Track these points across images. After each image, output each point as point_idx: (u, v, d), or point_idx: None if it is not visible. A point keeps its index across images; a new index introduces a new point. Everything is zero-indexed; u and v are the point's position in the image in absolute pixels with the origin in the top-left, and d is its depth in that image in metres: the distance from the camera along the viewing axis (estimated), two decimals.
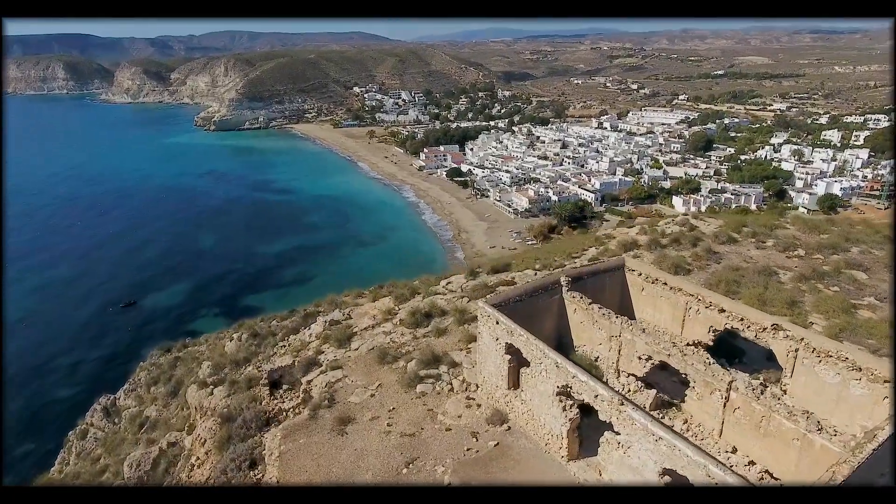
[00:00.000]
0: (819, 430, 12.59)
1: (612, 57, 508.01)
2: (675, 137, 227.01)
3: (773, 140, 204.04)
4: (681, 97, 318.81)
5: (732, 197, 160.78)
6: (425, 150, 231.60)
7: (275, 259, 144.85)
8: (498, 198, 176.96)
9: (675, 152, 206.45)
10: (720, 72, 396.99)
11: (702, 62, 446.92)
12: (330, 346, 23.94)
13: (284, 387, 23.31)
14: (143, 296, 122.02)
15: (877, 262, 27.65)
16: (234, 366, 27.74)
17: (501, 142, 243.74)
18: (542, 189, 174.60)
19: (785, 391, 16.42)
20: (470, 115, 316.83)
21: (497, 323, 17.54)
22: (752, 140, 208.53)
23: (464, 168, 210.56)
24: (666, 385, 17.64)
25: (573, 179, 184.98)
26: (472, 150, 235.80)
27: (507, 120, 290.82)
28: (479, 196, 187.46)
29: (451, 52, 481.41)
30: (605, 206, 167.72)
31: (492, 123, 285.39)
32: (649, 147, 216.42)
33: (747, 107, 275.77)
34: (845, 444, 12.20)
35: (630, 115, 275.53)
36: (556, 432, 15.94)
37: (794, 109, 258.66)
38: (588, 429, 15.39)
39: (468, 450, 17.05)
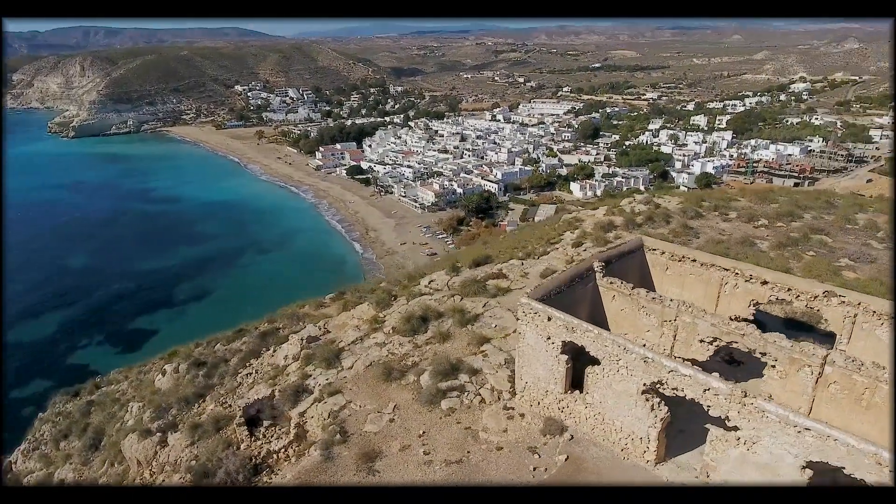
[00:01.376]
0: None
1: (497, 52, 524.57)
2: (564, 127, 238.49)
3: (651, 126, 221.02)
4: (564, 89, 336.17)
5: (623, 180, 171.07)
6: (321, 148, 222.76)
7: (163, 276, 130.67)
8: (403, 193, 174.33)
9: (567, 141, 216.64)
10: (597, 65, 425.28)
11: (579, 56, 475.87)
12: (316, 368, 20.19)
13: (265, 423, 19.26)
14: (7, 333, 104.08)
15: (832, 226, 29.08)
16: (184, 404, 22.83)
17: (400, 137, 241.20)
18: (446, 182, 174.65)
19: None
20: (363, 111, 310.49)
21: (549, 319, 15.22)
22: (633, 127, 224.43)
23: (364, 165, 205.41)
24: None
25: (475, 171, 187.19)
26: (370, 146, 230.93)
27: (402, 115, 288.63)
28: (383, 193, 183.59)
29: (337, 48, 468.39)
30: (509, 195, 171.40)
31: (387, 119, 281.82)
32: (542, 137, 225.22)
33: (624, 96, 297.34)
34: None
35: (521, 107, 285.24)
36: (640, 435, 14.02)
37: (664, 98, 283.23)
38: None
39: (534, 469, 14.63)
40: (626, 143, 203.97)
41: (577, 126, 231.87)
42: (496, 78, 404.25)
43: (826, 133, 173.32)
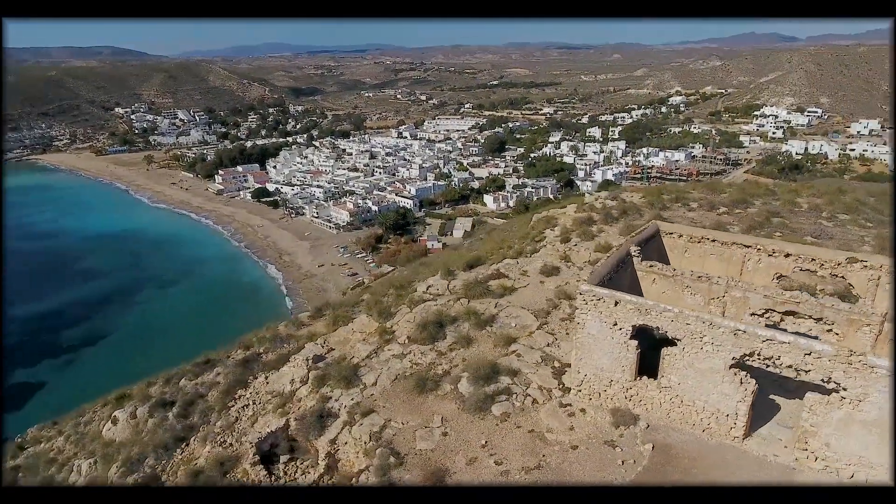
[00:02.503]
0: None
1: (397, 71, 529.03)
2: (471, 142, 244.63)
3: (552, 139, 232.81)
4: (466, 105, 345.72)
5: (533, 190, 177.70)
6: (220, 171, 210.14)
7: (45, 321, 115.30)
8: (315, 214, 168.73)
9: (476, 155, 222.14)
10: (494, 82, 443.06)
11: (476, 74, 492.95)
12: (334, 389, 17.97)
13: (284, 458, 16.77)
14: None
15: (783, 210, 31.40)
16: (162, 451, 19.42)
17: (306, 157, 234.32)
18: (360, 201, 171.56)
19: None
20: (263, 132, 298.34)
21: (616, 304, 14.55)
22: (536, 140, 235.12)
23: (270, 187, 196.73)
24: None
25: (389, 188, 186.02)
26: (275, 167, 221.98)
27: (305, 135, 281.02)
28: (293, 215, 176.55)
29: (228, 67, 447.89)
30: (425, 210, 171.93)
31: (290, 139, 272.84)
32: (451, 152, 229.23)
33: (523, 111, 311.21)
34: None
35: (426, 123, 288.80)
36: (727, 412, 13.68)
37: (560, 112, 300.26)
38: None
39: (622, 463, 13.76)
40: (532, 155, 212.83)
41: (483, 141, 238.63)
42: (398, 96, 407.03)
43: (705, 140, 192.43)
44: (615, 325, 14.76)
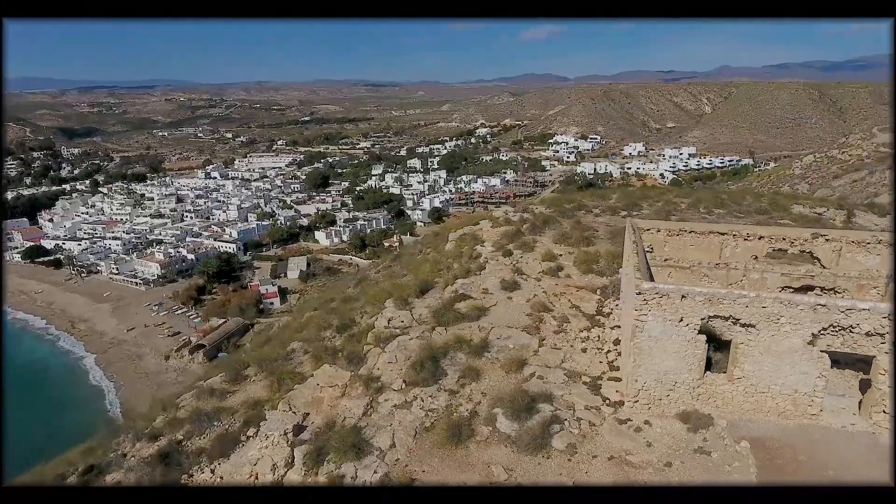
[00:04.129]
0: None
1: (194, 108, 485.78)
2: (291, 179, 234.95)
3: (374, 172, 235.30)
4: (279, 142, 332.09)
5: (366, 223, 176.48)
6: None
7: None
8: (115, 270, 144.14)
9: (299, 192, 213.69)
10: (306, 118, 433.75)
11: (285, 110, 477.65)
12: (341, 464, 13.56)
13: None
14: None
15: (670, 209, 34.45)
16: None
17: (93, 206, 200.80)
18: (171, 250, 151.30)
19: None
20: (28, 179, 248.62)
21: (683, 298, 13.37)
22: (358, 174, 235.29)
23: (48, 244, 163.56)
24: None
25: (205, 233, 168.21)
26: (51, 220, 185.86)
27: (87, 181, 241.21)
28: (84, 274, 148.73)
29: None
30: (251, 253, 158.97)
31: (67, 187, 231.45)
32: (271, 190, 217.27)
33: (340, 146, 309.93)
34: None
35: (237, 162, 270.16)
36: (805, 390, 13.33)
37: (377, 146, 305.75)
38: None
39: (729, 468, 12.41)
40: (358, 188, 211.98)
41: (304, 177, 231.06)
42: (200, 134, 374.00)
43: (514, 166, 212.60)
44: (681, 321, 13.59)
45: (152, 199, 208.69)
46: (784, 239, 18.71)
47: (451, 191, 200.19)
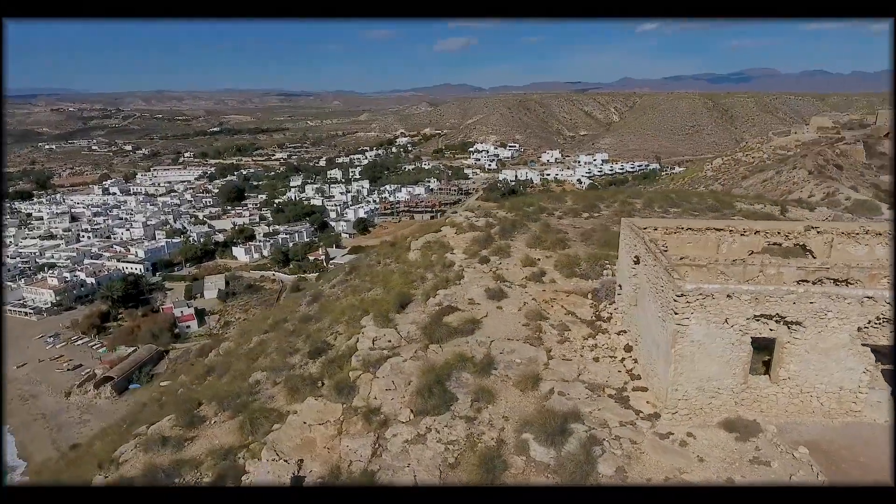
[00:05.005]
0: None
1: (86, 119, 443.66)
2: (202, 192, 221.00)
3: (293, 183, 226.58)
4: (186, 155, 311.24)
5: (287, 236, 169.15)
6: None
7: None
8: None
9: (211, 206, 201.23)
10: (216, 129, 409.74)
11: (191, 121, 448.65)
12: None
13: None
14: None
15: (629, 209, 34.51)
16: None
17: None
18: (67, 274, 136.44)
19: None
20: None
21: (729, 297, 12.36)
22: (276, 186, 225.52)
23: None
24: None
25: (106, 254, 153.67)
26: None
27: None
28: None
29: None
30: (161, 274, 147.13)
31: None
32: (180, 205, 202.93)
33: (254, 158, 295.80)
34: None
35: (139, 176, 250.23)
36: (850, 386, 12.80)
37: (294, 157, 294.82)
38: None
39: (793, 477, 11.49)
40: (276, 201, 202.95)
41: (217, 190, 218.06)
42: (94, 147, 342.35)
43: (438, 175, 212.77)
44: (725, 322, 12.59)
45: (41, 218, 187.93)
46: (779, 233, 18.59)
47: (375, 201, 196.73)
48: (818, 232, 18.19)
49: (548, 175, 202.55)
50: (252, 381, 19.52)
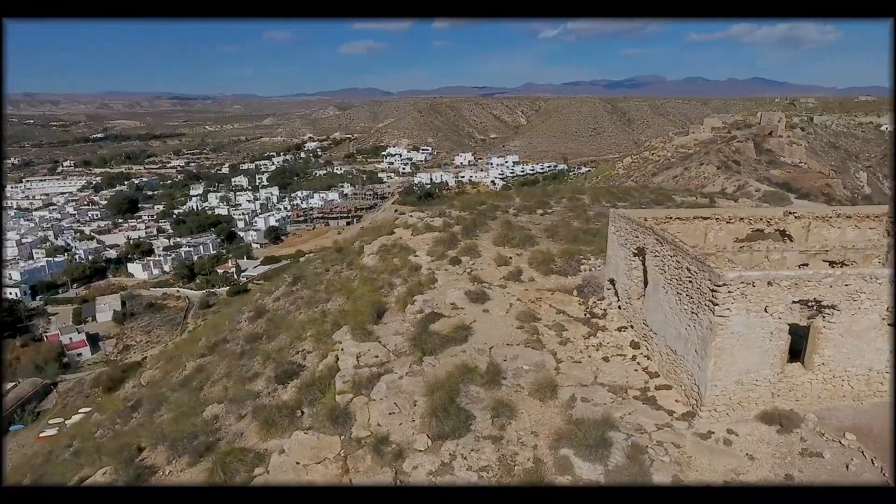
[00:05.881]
0: None
1: None
2: (87, 205, 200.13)
3: (194, 192, 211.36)
4: (65, 164, 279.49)
5: (191, 249, 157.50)
6: None
7: None
8: None
9: (99, 220, 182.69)
10: (100, 135, 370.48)
11: (70, 126, 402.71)
12: None
13: None
14: None
15: (575, 203, 34.44)
16: None
17: None
18: None
19: None
20: None
21: (770, 285, 11.74)
22: (174, 195, 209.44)
23: None
24: None
25: None
26: None
27: None
28: None
29: None
30: (43, 297, 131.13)
31: None
32: (61, 220, 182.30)
33: (147, 166, 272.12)
34: None
35: (9, 189, 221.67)
36: (879, 368, 12.65)
37: (193, 164, 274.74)
38: None
39: (850, 467, 11.04)
40: (176, 211, 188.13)
41: (105, 202, 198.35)
42: None
43: (351, 179, 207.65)
44: (765, 311, 11.96)
45: None
46: (761, 219, 18.72)
47: (286, 208, 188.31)
48: (796, 217, 18.48)
49: (462, 177, 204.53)
50: (208, 415, 16.54)
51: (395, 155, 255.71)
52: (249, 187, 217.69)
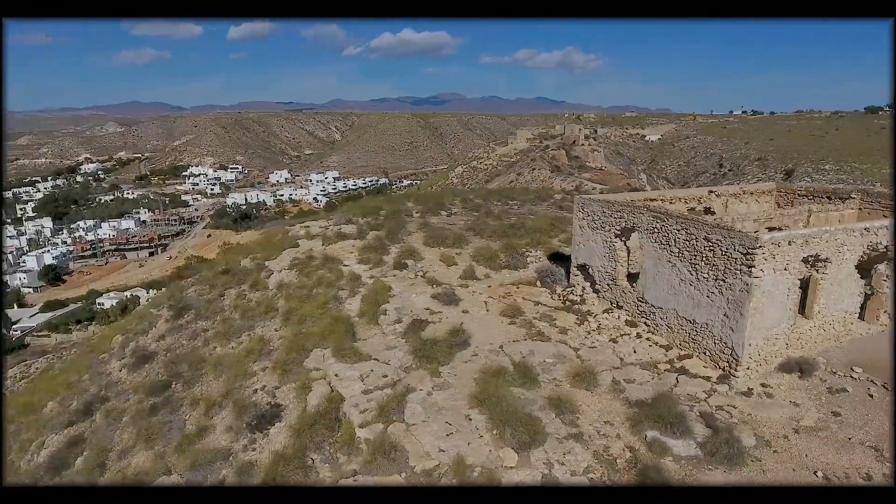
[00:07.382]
0: None
1: None
2: None
3: None
4: None
5: None
6: None
7: None
8: None
9: None
10: None
11: None
12: None
13: None
14: None
15: (470, 205, 34.49)
16: None
17: None
18: None
19: None
20: None
21: (790, 244, 12.80)
22: None
23: None
24: None
25: None
26: None
27: None
28: None
29: None
30: None
31: None
32: None
33: None
34: None
35: None
36: (852, 309, 14.80)
37: None
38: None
39: (874, 395, 12.51)
40: None
41: None
42: None
43: (149, 204, 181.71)
44: (785, 269, 13.01)
45: None
46: (693, 199, 20.74)
47: (66, 242, 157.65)
48: (717, 196, 20.93)
49: (282, 196, 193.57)
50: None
51: (199, 175, 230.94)
52: (11, 220, 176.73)
